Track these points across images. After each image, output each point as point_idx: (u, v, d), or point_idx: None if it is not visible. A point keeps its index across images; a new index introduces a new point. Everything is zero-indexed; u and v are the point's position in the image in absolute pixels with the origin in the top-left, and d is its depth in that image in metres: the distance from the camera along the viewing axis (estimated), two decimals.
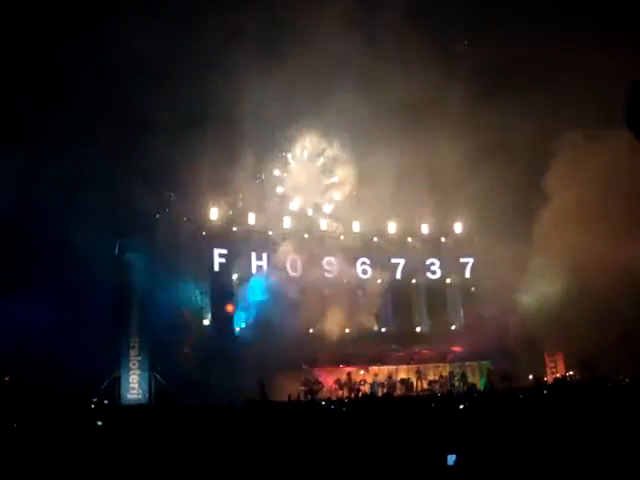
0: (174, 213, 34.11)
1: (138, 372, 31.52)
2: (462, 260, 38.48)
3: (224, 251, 34.93)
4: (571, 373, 31.82)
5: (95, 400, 27.48)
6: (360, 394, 29.24)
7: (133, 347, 31.68)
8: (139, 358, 31.67)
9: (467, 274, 38.25)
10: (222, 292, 34.39)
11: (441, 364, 34.04)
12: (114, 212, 31.35)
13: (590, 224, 29.08)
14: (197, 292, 34.32)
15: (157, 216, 33.40)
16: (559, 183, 31.31)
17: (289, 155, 38.39)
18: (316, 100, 33.54)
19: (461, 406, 11.71)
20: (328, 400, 24.62)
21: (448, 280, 38.65)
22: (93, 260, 31.11)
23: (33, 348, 29.61)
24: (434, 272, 38.52)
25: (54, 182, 29.45)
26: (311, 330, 32.89)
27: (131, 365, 31.48)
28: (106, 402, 27.95)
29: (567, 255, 30.17)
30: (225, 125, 33.89)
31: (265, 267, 35.30)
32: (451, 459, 5.73)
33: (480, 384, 32.82)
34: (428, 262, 38.52)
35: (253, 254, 35.48)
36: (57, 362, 30.01)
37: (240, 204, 36.27)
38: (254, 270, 35.20)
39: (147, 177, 30.80)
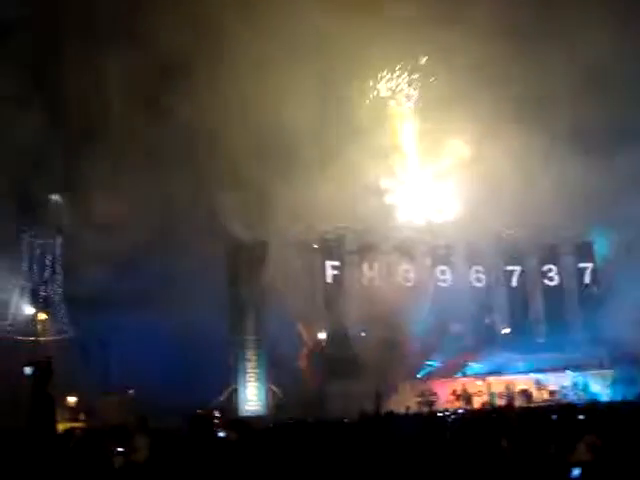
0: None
1: (255, 384, 32.13)
2: (581, 265, 37.07)
3: (336, 263, 35.11)
4: None
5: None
6: (477, 405, 28.72)
7: (250, 360, 32.32)
8: (256, 371, 32.28)
9: (587, 280, 36.82)
10: (335, 304, 34.53)
11: (562, 374, 32.85)
12: None
13: None
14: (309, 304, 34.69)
15: None
16: None
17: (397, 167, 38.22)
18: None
19: (581, 416, 11.25)
20: (444, 412, 24.26)
21: (567, 286, 37.29)
22: (208, 275, 32.10)
23: (155, 363, 30.73)
24: (551, 279, 37.25)
25: None
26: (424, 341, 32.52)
27: (248, 378, 32.13)
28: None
29: None
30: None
31: (377, 278, 35.19)
32: (575, 472, 5.52)
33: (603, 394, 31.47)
34: (545, 268, 37.29)
35: (365, 265, 35.45)
36: (177, 376, 31.04)
37: (352, 215, 36.36)
38: (366, 281, 35.16)
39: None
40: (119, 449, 9.00)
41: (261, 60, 32.13)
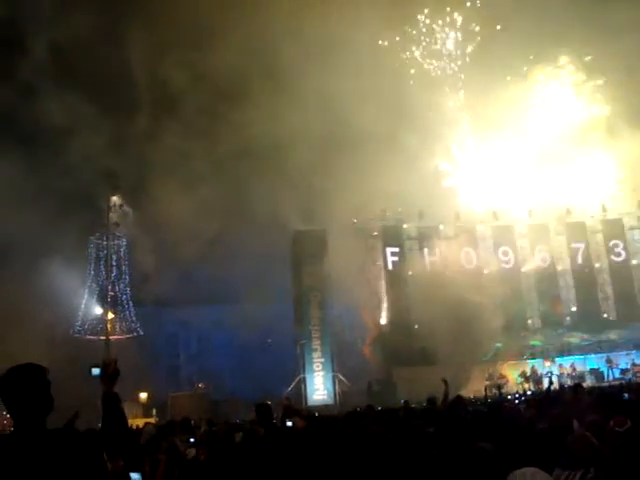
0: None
1: (322, 373, 32.34)
2: None
3: (396, 249, 35.04)
4: None
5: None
6: (547, 386, 28.26)
7: (315, 350, 32.56)
8: (322, 360, 32.50)
9: None
10: (397, 290, 34.45)
11: (633, 351, 32.09)
12: None
13: None
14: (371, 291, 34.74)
15: None
16: None
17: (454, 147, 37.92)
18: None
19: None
20: (514, 394, 23.99)
21: (635, 262, 36.36)
22: (272, 267, 32.45)
23: (223, 357, 31.27)
24: (619, 254, 36.38)
25: None
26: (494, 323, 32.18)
27: (315, 367, 32.37)
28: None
29: None
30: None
31: (439, 262, 34.95)
32: None
33: None
34: (611, 244, 36.42)
35: (425, 250, 35.27)
36: (246, 369, 31.50)
37: (411, 200, 36.20)
38: (428, 266, 34.97)
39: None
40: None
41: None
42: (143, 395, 30.01)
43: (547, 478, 3.54)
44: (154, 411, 28.43)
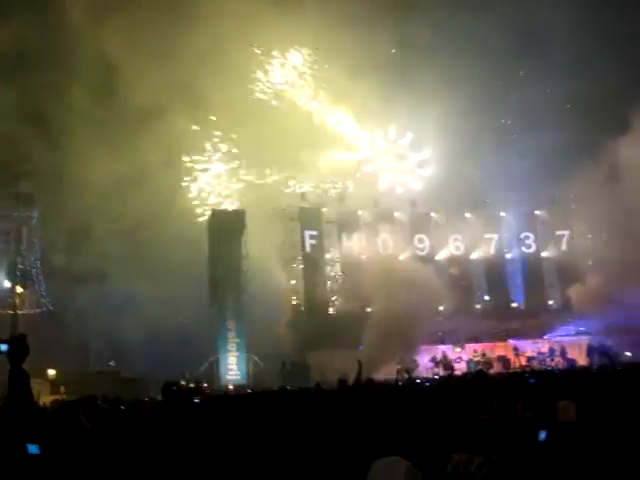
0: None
1: (236, 354, 32.23)
2: (558, 233, 37.34)
3: (314, 232, 35.16)
4: None
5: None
6: (456, 372, 28.95)
7: (230, 330, 32.41)
8: (237, 340, 32.37)
9: (563, 246, 37.11)
10: (314, 273, 34.64)
11: (539, 340, 33.24)
12: None
13: None
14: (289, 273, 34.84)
15: None
16: None
17: (377, 134, 38.29)
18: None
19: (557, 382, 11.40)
20: (423, 379, 24.47)
21: (544, 254, 37.60)
22: (188, 245, 32.07)
23: (136, 335, 30.74)
24: (529, 246, 37.56)
25: None
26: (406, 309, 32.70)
27: (229, 347, 32.23)
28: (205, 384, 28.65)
29: None
30: None
31: (356, 247, 35.31)
32: (542, 434, 5.65)
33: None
34: (522, 236, 37.56)
35: (344, 235, 35.54)
36: (159, 348, 31.07)
37: (329, 186, 36.44)
38: (346, 250, 35.27)
39: None
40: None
41: None
42: (52, 372, 29.26)
43: (407, 467, 3.56)
44: (62, 388, 27.74)
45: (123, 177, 31.15)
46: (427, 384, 18.05)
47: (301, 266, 35.03)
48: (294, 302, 34.59)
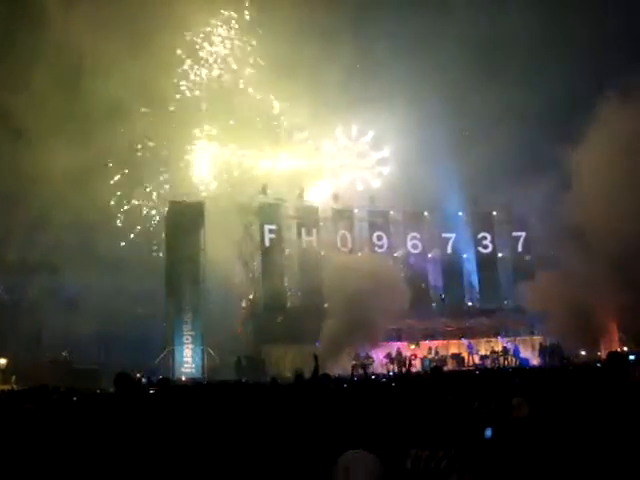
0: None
1: (191, 347, 32.01)
2: (515, 234, 37.86)
3: (273, 227, 35.08)
4: (626, 349, 31.00)
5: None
6: (410, 369, 29.17)
7: (186, 322, 32.18)
8: (192, 333, 32.15)
9: (519, 248, 37.63)
10: (273, 268, 34.56)
11: (493, 339, 33.68)
12: None
13: None
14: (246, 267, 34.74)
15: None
16: None
17: (338, 131, 38.45)
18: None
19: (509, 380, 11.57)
20: (379, 375, 24.64)
21: (500, 254, 38.10)
22: (145, 237, 31.79)
23: (91, 327, 30.38)
24: (486, 246, 38.00)
25: None
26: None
27: (185, 340, 32.00)
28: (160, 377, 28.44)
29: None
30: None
31: (315, 243, 35.35)
32: (488, 432, 5.75)
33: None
34: (479, 236, 38.00)
35: (303, 230, 35.55)
36: (114, 339, 30.77)
37: (291, 180, 36.47)
38: (304, 245, 35.29)
39: None
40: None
41: None
42: (2, 361, 28.75)
43: (372, 459, 3.59)
44: (13, 378, 27.28)
45: (77, 169, 30.72)
46: (383, 380, 18.17)
47: (259, 260, 34.89)
48: (251, 296, 34.46)
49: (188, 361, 31.88)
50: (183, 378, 29.77)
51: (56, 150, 30.44)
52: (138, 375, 24.65)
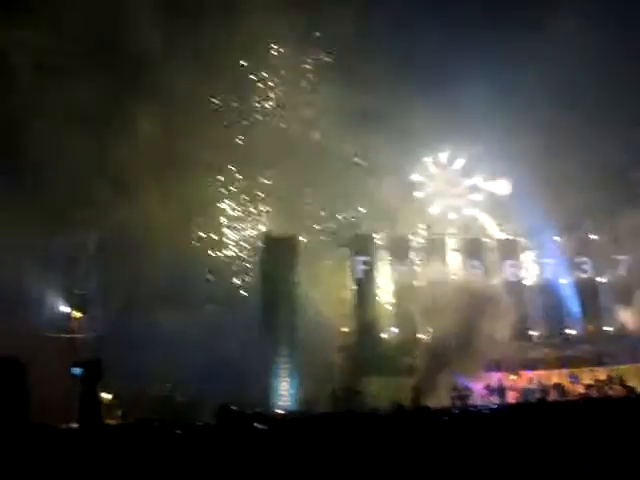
0: None
1: (288, 380, 32.20)
2: (615, 257, 36.47)
3: (366, 258, 35.06)
4: None
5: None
6: (511, 400, 28.48)
7: (282, 355, 32.42)
8: (288, 365, 32.36)
9: (620, 271, 36.19)
10: (366, 299, 34.50)
11: (597, 367, 32.43)
12: None
13: None
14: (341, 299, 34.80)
15: None
16: None
17: (428, 159, 38.26)
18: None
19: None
20: (478, 407, 24.11)
21: (600, 279, 36.76)
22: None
23: (190, 361, 31.03)
24: (585, 271, 36.75)
25: None
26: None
27: (281, 373, 32.22)
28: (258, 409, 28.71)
29: None
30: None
31: (408, 273, 35.11)
32: (590, 466, 5.52)
33: None
34: (578, 260, 36.78)
35: (395, 260, 35.38)
36: (213, 373, 31.28)
37: (383, 210, 36.44)
38: (397, 276, 35.09)
39: None
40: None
41: None
42: (108, 396, 29.61)
43: None
44: (119, 412, 28.09)
45: (173, 211, 31.65)
46: (485, 412, 17.75)
47: (352, 292, 34.91)
48: (345, 328, 34.44)
49: (284, 394, 32.06)
50: (280, 411, 29.91)
51: (151, 190, 31.58)
52: (234, 408, 24.86)
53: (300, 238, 33.84)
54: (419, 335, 31.50)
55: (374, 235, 35.80)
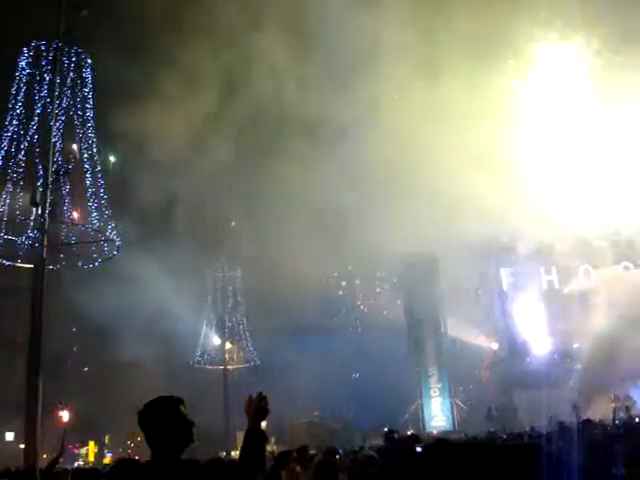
0: None
1: (439, 399, 31.82)
2: None
3: (510, 269, 34.06)
4: None
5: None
6: None
7: (432, 375, 32.12)
8: (439, 385, 32.01)
9: None
10: (514, 312, 33.52)
11: None
12: None
13: None
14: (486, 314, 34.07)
15: None
16: None
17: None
18: None
19: None
20: None
21: None
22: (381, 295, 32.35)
23: (338, 385, 31.34)
24: None
25: None
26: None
27: (432, 393, 31.90)
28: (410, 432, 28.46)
29: None
30: None
31: (556, 281, 33.74)
32: None
33: None
34: None
35: (542, 269, 34.06)
36: (361, 396, 31.39)
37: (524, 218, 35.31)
38: (545, 286, 33.78)
39: None
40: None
41: None
42: (263, 423, 30.26)
43: None
44: (273, 439, 28.63)
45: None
46: None
47: (499, 305, 34.03)
48: (494, 344, 33.59)
49: (437, 414, 31.66)
50: (434, 432, 29.49)
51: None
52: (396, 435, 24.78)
53: (439, 253, 33.24)
54: (573, 345, 30.17)
55: (517, 245, 34.60)
